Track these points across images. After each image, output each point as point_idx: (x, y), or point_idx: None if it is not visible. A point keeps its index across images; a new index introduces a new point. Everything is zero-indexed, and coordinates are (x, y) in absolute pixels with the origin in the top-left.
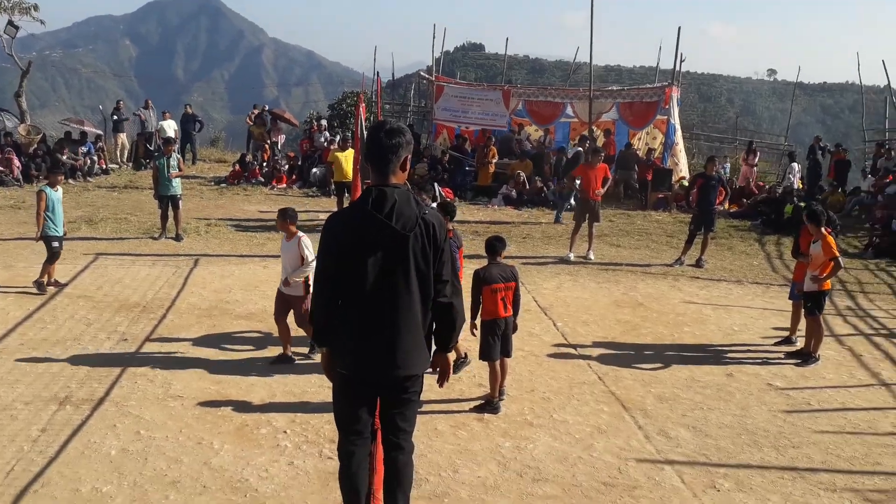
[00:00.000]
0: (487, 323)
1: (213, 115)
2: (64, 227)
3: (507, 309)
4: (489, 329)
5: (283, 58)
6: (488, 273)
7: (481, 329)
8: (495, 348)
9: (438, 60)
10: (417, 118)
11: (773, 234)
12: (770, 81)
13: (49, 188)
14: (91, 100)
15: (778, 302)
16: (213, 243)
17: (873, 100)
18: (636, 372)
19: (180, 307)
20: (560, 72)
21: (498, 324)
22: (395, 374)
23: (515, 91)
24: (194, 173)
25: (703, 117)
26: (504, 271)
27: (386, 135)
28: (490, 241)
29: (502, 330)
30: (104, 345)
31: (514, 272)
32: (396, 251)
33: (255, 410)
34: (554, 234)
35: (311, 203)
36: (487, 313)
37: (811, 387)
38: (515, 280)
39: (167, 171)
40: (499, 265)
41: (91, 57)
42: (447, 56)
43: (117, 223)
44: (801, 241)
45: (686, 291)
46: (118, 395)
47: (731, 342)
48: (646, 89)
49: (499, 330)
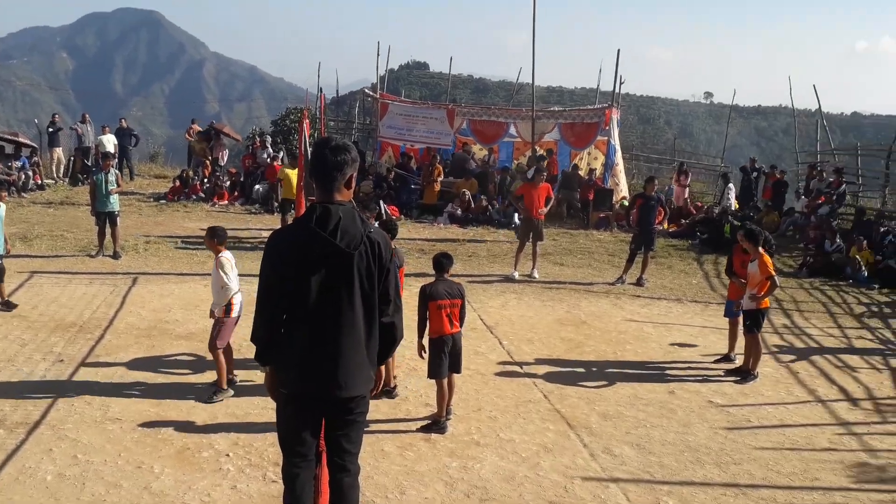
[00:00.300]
0: (435, 341)
1: (153, 130)
2: (7, 245)
3: (454, 325)
4: (437, 346)
5: (225, 72)
6: (434, 289)
7: (429, 347)
8: (444, 366)
9: (383, 78)
10: (362, 135)
11: (712, 254)
12: (706, 104)
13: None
14: (26, 113)
15: (716, 320)
16: (152, 261)
17: (805, 123)
18: (581, 390)
19: (118, 327)
20: (503, 92)
21: (445, 341)
22: (339, 395)
23: (460, 110)
24: (133, 189)
25: (643, 138)
26: (450, 288)
27: (331, 151)
28: (437, 259)
29: (450, 347)
30: (39, 366)
31: (460, 290)
32: (341, 269)
33: (196, 433)
34: (499, 252)
35: (254, 220)
36: (434, 331)
37: (751, 404)
38: (461, 298)
39: (105, 186)
40: (445, 282)
41: (26, 69)
42: (392, 74)
43: (53, 240)
44: (734, 260)
45: (628, 309)
46: (54, 418)
47: (671, 359)
48: (587, 110)
49: (447, 347)
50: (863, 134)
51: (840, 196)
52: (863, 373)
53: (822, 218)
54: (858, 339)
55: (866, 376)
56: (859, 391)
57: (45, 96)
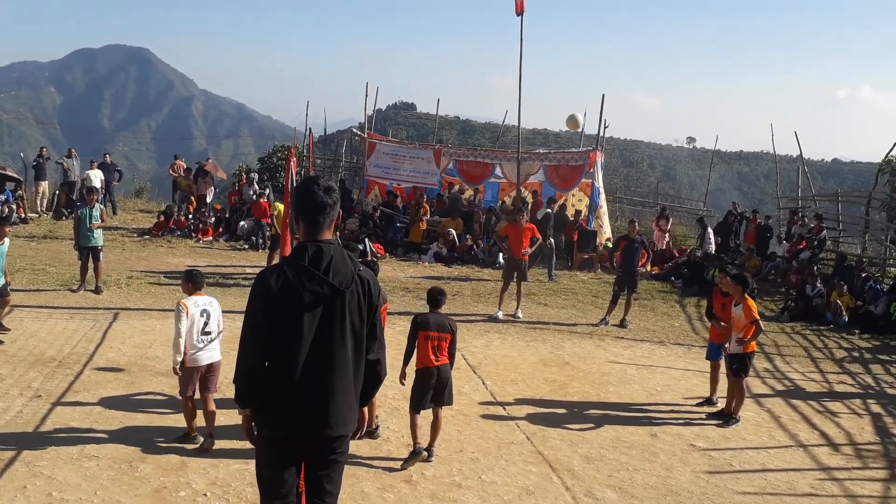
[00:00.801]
0: (420, 371)
1: (139, 166)
2: (6, 278)
3: (440, 358)
4: (421, 377)
5: (213, 109)
6: (425, 320)
7: (415, 378)
8: (425, 398)
9: (370, 118)
10: (349, 174)
11: (694, 297)
12: (689, 149)
13: None
14: (11, 146)
15: (699, 363)
16: (133, 296)
17: (786, 168)
18: (563, 432)
19: (98, 363)
20: (489, 133)
21: (430, 373)
22: (327, 434)
23: (446, 150)
24: (117, 224)
25: (626, 181)
26: (441, 322)
27: (324, 191)
28: (433, 294)
29: (435, 379)
30: (16, 401)
31: (451, 325)
32: (333, 308)
33: (173, 472)
34: (483, 291)
35: (239, 257)
36: (419, 361)
37: (733, 448)
38: (451, 333)
39: (89, 221)
40: (438, 315)
41: (13, 103)
42: (379, 114)
43: (35, 274)
44: (713, 302)
45: (611, 351)
46: (29, 455)
47: (654, 402)
48: (571, 153)
49: (431, 379)
50: (843, 180)
51: (821, 241)
52: (844, 418)
53: (803, 263)
54: (839, 384)
55: (847, 421)
56: (840, 436)
57: (32, 130)
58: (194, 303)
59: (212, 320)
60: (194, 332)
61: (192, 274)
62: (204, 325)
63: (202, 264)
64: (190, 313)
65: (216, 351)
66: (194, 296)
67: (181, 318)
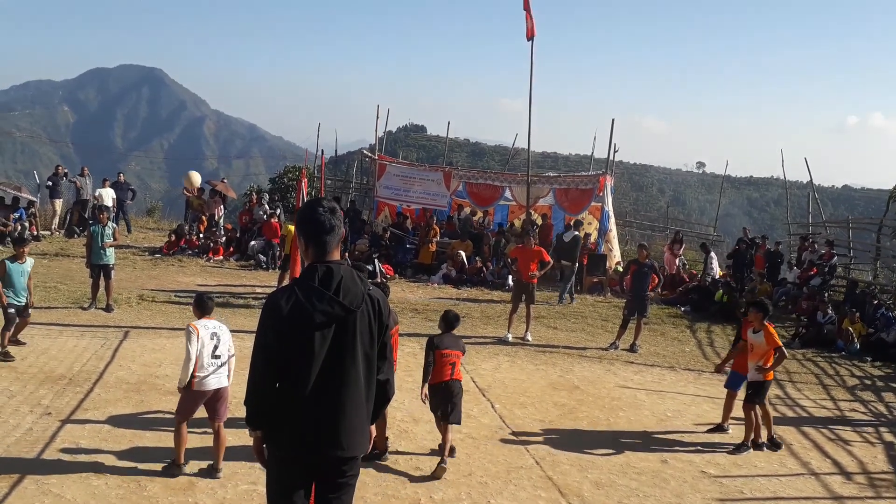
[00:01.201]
0: (434, 386)
1: (151, 185)
2: (31, 297)
3: (454, 374)
4: (434, 391)
5: (225, 130)
6: (441, 340)
7: (430, 392)
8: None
9: (381, 140)
10: (359, 195)
11: (704, 322)
12: (699, 173)
13: (12, 263)
14: (24, 164)
15: (709, 388)
16: (144, 315)
17: (796, 194)
18: (573, 457)
19: (108, 381)
20: (499, 156)
21: (442, 387)
22: (339, 455)
23: (456, 173)
24: (128, 243)
25: (636, 205)
26: (455, 342)
27: (328, 212)
28: (449, 317)
29: (446, 393)
30: (26, 419)
31: (462, 345)
32: (344, 328)
33: (181, 492)
34: (493, 314)
35: (249, 276)
36: (435, 377)
37: (744, 475)
38: (463, 352)
39: (101, 239)
40: (452, 336)
41: (27, 121)
42: (390, 136)
43: (46, 291)
44: (744, 334)
45: (621, 376)
46: (39, 473)
47: (665, 428)
48: (581, 177)
49: (441, 393)
50: (853, 207)
51: (832, 268)
52: (856, 446)
53: (814, 289)
54: (851, 412)
55: (860, 450)
56: (853, 465)
57: (45, 148)
58: (204, 325)
59: (222, 343)
60: (205, 354)
61: (202, 298)
62: (214, 348)
63: (212, 283)
64: (200, 336)
65: (224, 377)
66: (204, 318)
67: (192, 341)
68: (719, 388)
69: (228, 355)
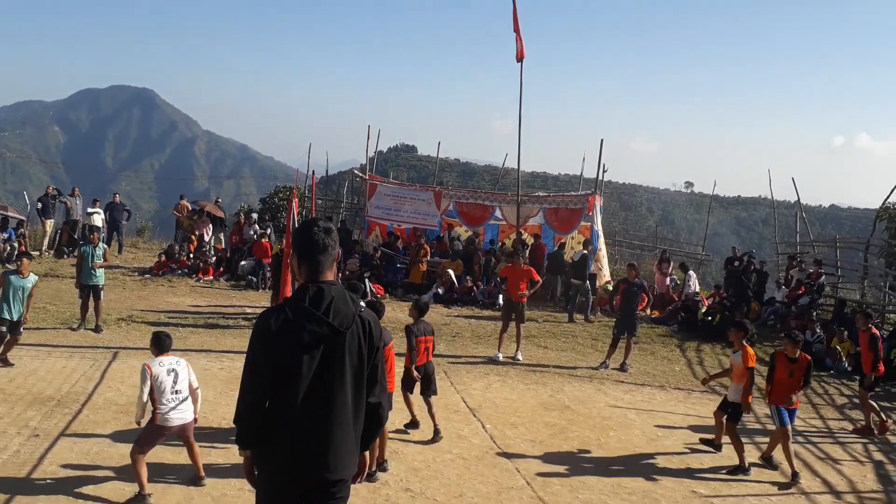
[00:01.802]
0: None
1: (142, 205)
2: (27, 313)
3: (429, 356)
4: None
5: (216, 150)
6: (417, 328)
7: (404, 372)
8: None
9: (372, 160)
10: (350, 214)
11: (694, 341)
12: (687, 193)
13: (13, 275)
14: (14, 185)
15: (699, 408)
16: (133, 336)
17: (784, 214)
18: (564, 478)
19: (97, 402)
20: (489, 176)
21: (421, 369)
22: (328, 477)
23: (447, 193)
24: (118, 263)
25: (625, 225)
26: (427, 327)
27: (324, 233)
28: (420, 305)
29: (425, 373)
30: (14, 440)
31: (433, 329)
32: (333, 349)
33: None
34: (483, 333)
35: (239, 297)
36: (411, 359)
37: (734, 494)
38: (433, 335)
39: (91, 260)
40: (424, 322)
41: (17, 141)
42: (380, 156)
43: (34, 312)
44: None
45: (611, 395)
46: (27, 495)
47: (655, 448)
48: (571, 196)
49: (420, 372)
50: (841, 226)
51: (819, 287)
52: (846, 465)
53: (803, 308)
54: (840, 431)
55: (849, 468)
56: (843, 484)
57: (35, 169)
58: (159, 363)
59: (181, 379)
60: (166, 390)
61: (158, 337)
62: (173, 382)
63: (202, 304)
64: (154, 373)
65: (188, 412)
66: (160, 356)
67: (145, 380)
68: (709, 407)
69: (192, 388)
